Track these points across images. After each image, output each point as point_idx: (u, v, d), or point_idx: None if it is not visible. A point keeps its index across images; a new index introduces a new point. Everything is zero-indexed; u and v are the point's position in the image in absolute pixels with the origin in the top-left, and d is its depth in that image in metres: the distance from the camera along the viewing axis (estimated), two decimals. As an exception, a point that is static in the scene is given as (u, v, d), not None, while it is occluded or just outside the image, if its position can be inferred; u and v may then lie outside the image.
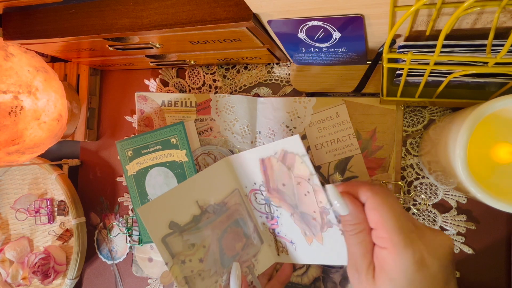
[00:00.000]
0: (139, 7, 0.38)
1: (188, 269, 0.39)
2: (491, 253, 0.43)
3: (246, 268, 0.42)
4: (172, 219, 0.39)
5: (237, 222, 0.42)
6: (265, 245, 0.44)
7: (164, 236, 0.38)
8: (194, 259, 0.39)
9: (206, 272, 0.39)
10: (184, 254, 0.39)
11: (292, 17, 0.33)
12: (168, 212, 0.39)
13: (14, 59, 0.43)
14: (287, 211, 0.41)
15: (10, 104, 0.41)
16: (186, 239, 0.39)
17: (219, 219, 0.41)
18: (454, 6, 0.27)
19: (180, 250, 0.39)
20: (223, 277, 0.40)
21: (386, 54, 0.31)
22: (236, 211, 0.42)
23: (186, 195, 0.40)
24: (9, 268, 0.59)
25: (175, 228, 0.39)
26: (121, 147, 0.52)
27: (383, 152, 0.45)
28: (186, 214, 0.40)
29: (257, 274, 0.43)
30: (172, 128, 0.49)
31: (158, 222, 0.38)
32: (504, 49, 0.27)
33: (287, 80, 0.51)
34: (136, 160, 0.52)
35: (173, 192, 0.39)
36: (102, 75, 0.61)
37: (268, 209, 0.42)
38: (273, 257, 0.44)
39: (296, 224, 0.41)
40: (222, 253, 0.41)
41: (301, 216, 0.39)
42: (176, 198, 0.39)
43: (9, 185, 0.63)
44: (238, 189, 0.43)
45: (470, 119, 0.30)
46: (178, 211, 0.39)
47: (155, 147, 0.50)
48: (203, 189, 0.41)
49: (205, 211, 0.40)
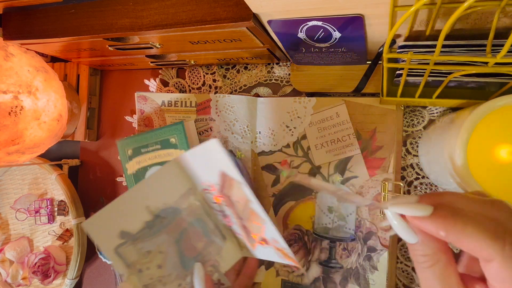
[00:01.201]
0: (139, 7, 0.38)
1: (147, 277, 0.38)
2: (491, 253, 0.43)
3: (211, 267, 0.42)
4: (123, 229, 0.38)
5: (194, 222, 0.42)
6: (228, 241, 0.43)
7: (117, 247, 0.38)
8: (152, 266, 0.39)
9: (167, 278, 0.39)
10: (140, 262, 0.38)
11: (292, 17, 0.33)
12: (118, 221, 0.38)
13: (14, 59, 0.43)
14: (234, 216, 0.41)
15: (10, 104, 0.41)
16: (140, 247, 0.38)
17: (174, 222, 0.40)
18: (454, 6, 0.27)
19: (135, 259, 0.38)
20: (186, 279, 0.40)
21: (386, 54, 0.31)
22: (192, 211, 0.42)
23: (135, 202, 0.39)
24: (9, 268, 0.59)
25: (127, 237, 0.38)
26: (121, 146, 0.52)
27: (383, 152, 0.45)
28: (137, 221, 0.39)
29: (223, 271, 0.42)
30: (172, 127, 0.49)
31: (108, 234, 0.37)
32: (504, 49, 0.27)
33: (287, 80, 0.51)
34: (136, 159, 0.52)
35: (121, 201, 0.38)
36: (102, 75, 0.61)
37: (220, 207, 0.42)
38: (237, 252, 0.44)
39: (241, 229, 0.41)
40: (182, 255, 0.40)
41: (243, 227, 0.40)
42: (125, 206, 0.38)
43: (9, 185, 0.63)
44: (191, 188, 0.42)
45: (470, 119, 0.30)
46: (129, 220, 0.38)
47: (155, 146, 0.50)
48: (154, 194, 0.40)
49: (157, 216, 0.40)
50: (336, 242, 0.46)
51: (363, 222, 0.45)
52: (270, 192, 0.49)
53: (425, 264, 0.23)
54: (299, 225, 0.48)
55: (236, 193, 0.37)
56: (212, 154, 0.36)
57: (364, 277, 0.45)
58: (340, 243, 0.46)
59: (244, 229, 0.40)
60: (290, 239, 0.48)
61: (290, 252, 0.36)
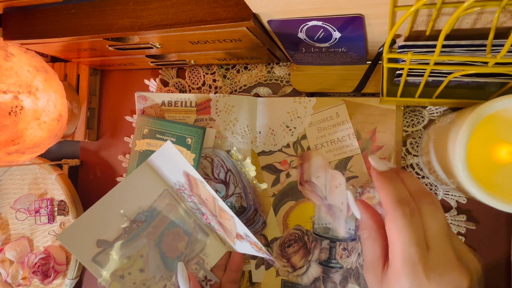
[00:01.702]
0: (139, 7, 0.38)
1: (130, 282, 0.38)
2: (491, 253, 0.43)
3: (196, 265, 0.42)
4: (99, 237, 0.38)
5: (173, 222, 0.42)
6: (211, 237, 0.43)
7: (94, 256, 0.38)
8: (133, 271, 0.39)
9: (151, 280, 0.39)
10: (121, 269, 0.38)
11: (292, 17, 0.33)
12: (93, 231, 0.38)
13: (14, 59, 0.43)
14: (209, 214, 0.41)
15: (10, 104, 0.41)
16: (119, 254, 0.38)
17: (152, 225, 0.40)
18: (454, 6, 0.27)
19: (115, 266, 0.38)
20: (171, 280, 0.40)
21: (386, 54, 0.31)
22: (170, 212, 0.42)
23: (109, 209, 0.39)
24: (9, 268, 0.59)
25: (105, 245, 0.38)
26: (141, 121, 0.53)
27: (383, 152, 0.45)
28: (113, 228, 0.39)
29: (209, 268, 0.42)
30: (193, 129, 0.50)
31: (84, 244, 0.37)
32: (504, 49, 0.27)
33: (287, 80, 0.51)
34: (148, 140, 0.52)
35: (95, 209, 0.38)
36: (102, 75, 0.61)
37: (195, 206, 0.42)
38: (221, 247, 0.44)
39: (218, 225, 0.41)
40: (164, 257, 0.40)
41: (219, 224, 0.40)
42: (99, 215, 0.38)
43: (9, 185, 0.63)
44: (167, 189, 0.42)
45: (470, 119, 0.30)
46: (104, 228, 0.38)
47: (170, 138, 0.51)
48: (128, 199, 0.40)
49: (133, 220, 0.40)
50: (336, 242, 0.46)
51: (363, 222, 0.45)
52: (270, 192, 0.49)
53: (362, 235, 0.32)
54: (299, 225, 0.48)
55: (203, 192, 0.37)
56: (171, 156, 0.37)
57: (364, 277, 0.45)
58: (340, 243, 0.46)
59: (221, 225, 0.40)
60: (290, 239, 0.48)
61: (262, 246, 0.37)
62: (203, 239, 0.43)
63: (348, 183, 0.46)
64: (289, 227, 0.48)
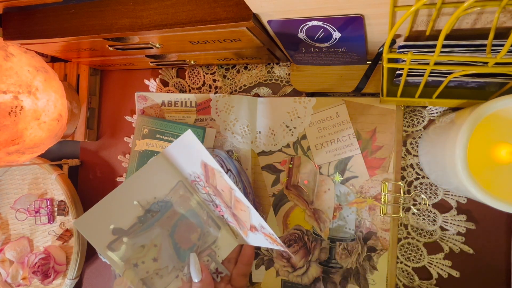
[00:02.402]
0: (139, 7, 0.38)
1: (143, 271, 0.38)
2: (491, 253, 0.43)
3: (207, 257, 0.42)
4: (115, 225, 0.38)
5: (187, 214, 0.42)
6: (223, 230, 0.44)
7: (110, 243, 0.38)
8: (147, 260, 0.39)
9: (164, 270, 0.40)
10: (135, 257, 0.39)
11: (292, 17, 0.33)
12: (109, 218, 0.38)
13: (14, 59, 0.43)
14: (223, 205, 0.41)
15: (10, 104, 0.41)
16: (134, 242, 0.39)
17: (166, 215, 0.41)
18: (454, 6, 0.27)
19: (130, 254, 0.38)
20: (183, 270, 0.40)
21: (386, 54, 0.31)
22: (183, 203, 0.42)
23: (125, 198, 0.39)
24: (9, 268, 0.59)
25: (120, 233, 0.39)
26: (141, 121, 0.53)
27: (383, 152, 0.45)
28: (128, 217, 0.39)
29: (220, 260, 0.43)
30: (193, 129, 0.50)
31: (100, 231, 0.38)
32: (504, 49, 0.27)
33: (287, 80, 0.51)
34: (148, 140, 0.52)
35: (111, 197, 0.39)
36: (102, 75, 0.61)
37: (209, 197, 0.43)
38: (233, 240, 0.44)
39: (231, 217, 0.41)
40: (176, 247, 0.41)
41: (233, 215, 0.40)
42: (116, 203, 0.39)
43: (9, 185, 0.63)
44: (181, 180, 0.42)
45: (470, 119, 0.30)
46: (120, 216, 0.39)
47: (170, 138, 0.51)
48: (143, 189, 0.40)
49: (148, 210, 0.40)
50: (336, 242, 0.46)
51: (363, 222, 0.45)
52: (270, 192, 0.49)
53: None
54: (299, 225, 0.48)
55: (220, 183, 0.37)
56: (190, 146, 0.37)
57: (364, 277, 0.45)
58: (340, 243, 0.46)
59: (234, 217, 0.41)
60: (290, 239, 0.48)
61: (277, 237, 0.37)
62: (215, 231, 0.43)
63: (348, 183, 0.46)
64: (289, 227, 0.48)
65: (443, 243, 0.44)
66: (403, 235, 0.45)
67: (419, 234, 0.45)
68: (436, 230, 0.44)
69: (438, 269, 0.44)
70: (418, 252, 0.45)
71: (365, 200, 0.45)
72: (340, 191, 0.46)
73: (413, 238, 0.45)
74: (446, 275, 0.44)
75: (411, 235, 0.45)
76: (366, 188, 0.45)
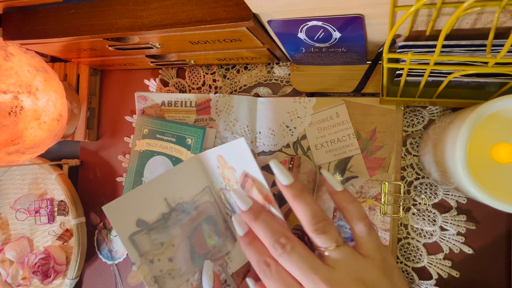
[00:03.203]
0: (139, 7, 0.38)
1: (157, 269, 0.38)
2: (491, 253, 0.43)
3: (219, 267, 0.42)
4: (140, 217, 0.39)
5: (207, 220, 0.42)
6: (237, 244, 0.44)
7: (132, 234, 0.38)
8: (163, 259, 0.39)
9: (176, 271, 0.39)
10: (152, 253, 0.39)
11: (292, 17, 0.33)
12: (136, 209, 0.39)
13: (14, 59, 0.43)
14: None
15: (10, 104, 0.41)
16: (154, 238, 0.39)
17: (189, 217, 0.41)
18: (454, 6, 0.27)
19: (148, 249, 0.38)
20: (194, 276, 0.40)
21: (386, 54, 0.31)
22: (207, 208, 0.42)
23: (155, 193, 0.40)
24: (9, 268, 0.59)
25: (143, 226, 0.39)
26: (141, 121, 0.53)
27: (383, 152, 0.45)
28: (154, 212, 0.39)
29: (230, 273, 0.43)
30: (193, 129, 0.50)
31: (125, 220, 0.38)
32: (504, 49, 0.27)
33: (287, 80, 0.51)
34: (148, 140, 0.52)
35: (141, 189, 0.39)
36: (102, 75, 0.61)
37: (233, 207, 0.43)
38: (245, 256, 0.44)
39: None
40: (192, 251, 0.41)
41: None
42: (145, 196, 0.39)
43: (9, 185, 0.63)
44: (209, 186, 0.42)
45: (470, 119, 0.30)
46: (146, 209, 0.39)
47: (170, 138, 0.51)
48: (173, 187, 0.40)
49: (174, 209, 0.40)
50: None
51: (363, 222, 0.45)
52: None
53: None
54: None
55: (256, 194, 0.37)
56: (240, 153, 0.37)
57: (364, 277, 0.45)
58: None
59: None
60: (290, 239, 0.48)
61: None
62: (230, 243, 0.43)
63: (348, 183, 0.46)
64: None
65: (443, 243, 0.44)
66: (403, 235, 0.45)
67: (419, 234, 0.45)
68: (436, 230, 0.44)
69: (438, 269, 0.44)
70: (418, 252, 0.45)
71: (365, 200, 0.45)
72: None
73: (413, 238, 0.45)
74: (446, 275, 0.44)
75: (411, 235, 0.45)
76: (366, 188, 0.45)
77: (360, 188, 0.45)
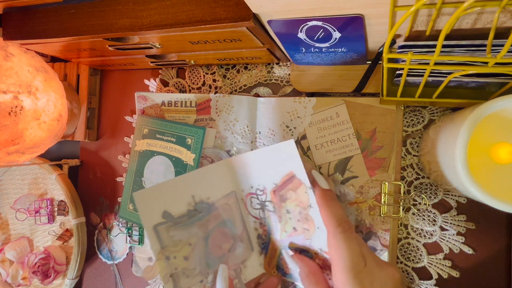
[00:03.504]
0: (139, 7, 0.38)
1: (172, 266, 0.38)
2: (491, 253, 0.43)
3: (233, 272, 0.42)
4: (167, 209, 0.39)
5: (224, 222, 0.42)
6: (255, 253, 0.43)
7: (156, 225, 0.38)
8: (178, 256, 0.39)
9: (191, 271, 0.39)
10: (170, 250, 0.39)
11: (292, 17, 0.33)
12: (164, 201, 0.39)
13: (14, 59, 0.43)
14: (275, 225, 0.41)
15: (10, 104, 0.41)
16: (173, 234, 0.39)
17: (207, 218, 0.41)
18: (454, 6, 0.27)
19: (166, 244, 0.39)
20: (208, 277, 0.40)
21: (386, 54, 0.31)
22: (225, 211, 0.42)
23: (183, 188, 0.40)
24: (9, 268, 0.59)
25: (168, 219, 0.39)
26: (141, 121, 0.53)
27: (383, 152, 0.45)
28: (180, 206, 0.39)
29: (243, 280, 0.42)
30: (193, 129, 0.50)
31: (152, 209, 0.38)
32: (504, 49, 0.27)
33: (287, 80, 0.51)
34: (148, 140, 0.52)
35: (171, 183, 0.39)
36: (102, 75, 0.61)
37: (262, 214, 0.43)
38: (260, 267, 0.44)
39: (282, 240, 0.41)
40: (207, 252, 0.41)
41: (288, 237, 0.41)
42: (174, 189, 0.39)
43: (9, 185, 0.63)
44: (235, 191, 0.42)
45: (470, 119, 0.30)
46: (173, 202, 0.39)
47: (170, 138, 0.51)
48: (201, 186, 0.41)
49: (197, 206, 0.40)
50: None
51: (363, 222, 0.45)
52: (270, 192, 0.49)
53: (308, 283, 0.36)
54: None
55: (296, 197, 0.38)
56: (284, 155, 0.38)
57: (364, 277, 0.45)
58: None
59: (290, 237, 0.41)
60: (290, 239, 0.48)
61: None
62: (247, 251, 0.43)
63: (348, 183, 0.46)
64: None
65: (443, 243, 0.44)
66: (403, 235, 0.45)
67: (419, 234, 0.45)
68: (436, 230, 0.44)
69: (438, 269, 0.44)
70: (418, 252, 0.45)
71: (365, 200, 0.45)
72: (340, 191, 0.46)
73: (413, 238, 0.45)
74: (446, 275, 0.44)
75: (411, 235, 0.45)
76: (366, 188, 0.45)
77: (360, 188, 0.45)
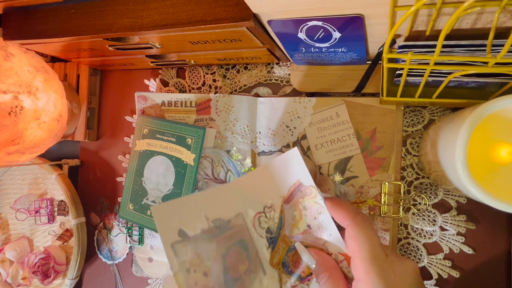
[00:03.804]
0: (139, 7, 0.38)
1: (192, 280, 0.38)
2: (491, 253, 0.43)
3: None
4: (182, 228, 0.39)
5: (240, 242, 0.42)
6: (267, 276, 0.43)
7: (173, 243, 0.38)
8: (198, 270, 0.38)
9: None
10: (190, 263, 0.38)
11: (292, 17, 0.33)
12: (179, 219, 0.38)
13: (14, 59, 0.43)
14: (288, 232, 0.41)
15: (10, 104, 0.41)
16: (193, 246, 0.39)
17: (224, 235, 0.40)
18: (454, 6, 0.27)
19: (187, 257, 0.38)
20: None
21: (386, 54, 0.31)
22: (240, 231, 0.42)
23: (196, 207, 0.39)
24: (9, 268, 0.59)
25: (184, 237, 0.38)
26: (141, 121, 0.53)
27: (383, 152, 0.45)
28: (194, 226, 0.39)
29: None
30: (193, 129, 0.50)
31: (169, 226, 0.38)
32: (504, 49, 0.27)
33: (287, 80, 0.51)
34: (148, 140, 0.52)
35: (184, 201, 0.39)
36: (102, 75, 0.61)
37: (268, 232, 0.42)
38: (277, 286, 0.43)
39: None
40: (226, 271, 0.40)
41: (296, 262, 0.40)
42: (187, 208, 0.39)
43: (9, 185, 0.63)
44: (242, 213, 0.42)
45: (470, 119, 0.30)
46: (188, 221, 0.39)
47: (170, 138, 0.51)
48: (213, 205, 0.41)
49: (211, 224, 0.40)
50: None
51: (363, 222, 0.45)
52: (270, 192, 0.49)
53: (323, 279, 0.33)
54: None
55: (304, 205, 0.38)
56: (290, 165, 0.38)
57: (364, 277, 0.45)
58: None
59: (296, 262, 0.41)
60: (290, 239, 0.48)
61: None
62: (261, 274, 0.42)
63: (348, 183, 0.46)
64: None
65: (443, 243, 0.44)
66: (403, 235, 0.45)
67: (419, 234, 0.45)
68: (436, 230, 0.44)
69: (438, 269, 0.44)
70: (418, 252, 0.45)
71: (365, 200, 0.45)
72: (340, 191, 0.46)
73: (413, 238, 0.45)
74: (446, 275, 0.44)
75: (411, 235, 0.45)
76: (366, 188, 0.45)
77: (360, 188, 0.45)
